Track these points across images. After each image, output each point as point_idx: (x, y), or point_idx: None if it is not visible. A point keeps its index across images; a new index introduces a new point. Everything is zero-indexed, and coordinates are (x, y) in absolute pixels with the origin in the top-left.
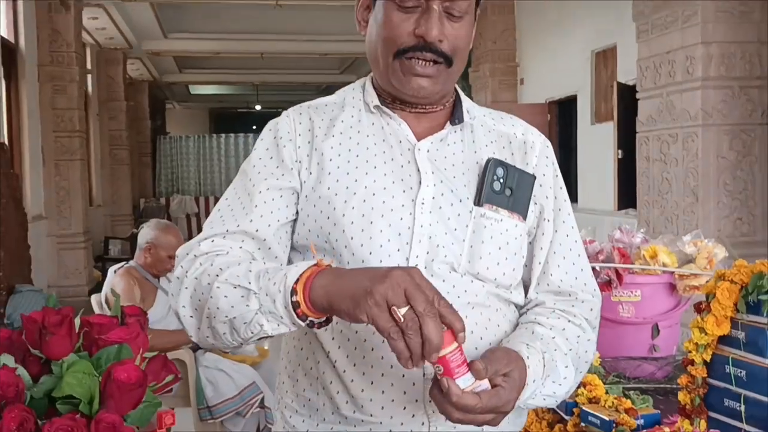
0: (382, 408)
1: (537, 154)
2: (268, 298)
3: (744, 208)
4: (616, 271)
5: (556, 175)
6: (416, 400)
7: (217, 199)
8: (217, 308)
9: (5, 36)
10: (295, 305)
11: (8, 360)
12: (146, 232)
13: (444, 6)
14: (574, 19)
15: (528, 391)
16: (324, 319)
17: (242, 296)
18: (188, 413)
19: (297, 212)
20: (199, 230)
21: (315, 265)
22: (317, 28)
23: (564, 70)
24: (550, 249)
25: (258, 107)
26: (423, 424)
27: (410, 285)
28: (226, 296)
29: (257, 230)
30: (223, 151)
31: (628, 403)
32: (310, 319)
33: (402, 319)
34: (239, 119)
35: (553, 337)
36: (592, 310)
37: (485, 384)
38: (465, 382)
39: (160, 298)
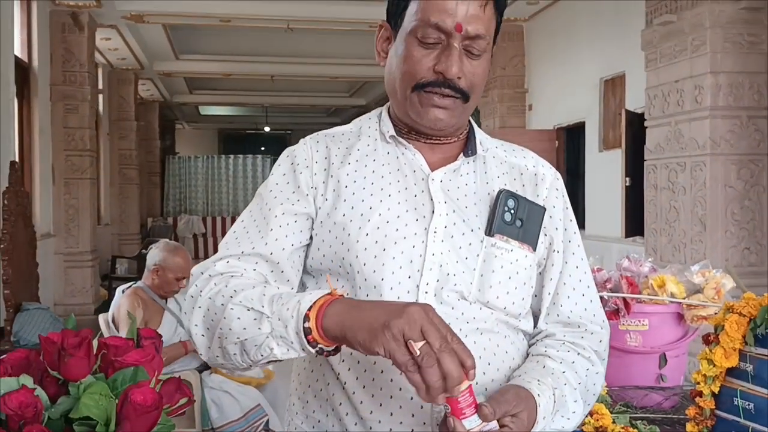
0: (390, 430)
1: (548, 186)
2: (280, 323)
3: (752, 238)
4: (624, 300)
5: (566, 208)
6: (424, 423)
7: (224, 220)
8: (230, 329)
9: (19, 55)
10: (307, 331)
11: (27, 381)
12: (155, 254)
13: (464, 44)
14: (583, 47)
15: (538, 427)
16: (333, 347)
17: (255, 319)
18: None
19: (311, 237)
20: (206, 251)
21: (329, 293)
22: (327, 51)
23: (573, 96)
24: (560, 280)
25: (267, 129)
26: None
27: (425, 321)
28: (239, 318)
29: (271, 253)
30: (231, 172)
31: None
32: (320, 346)
33: (419, 353)
34: (248, 140)
35: (563, 372)
36: (601, 341)
37: (493, 424)
38: (471, 423)
39: (166, 320)
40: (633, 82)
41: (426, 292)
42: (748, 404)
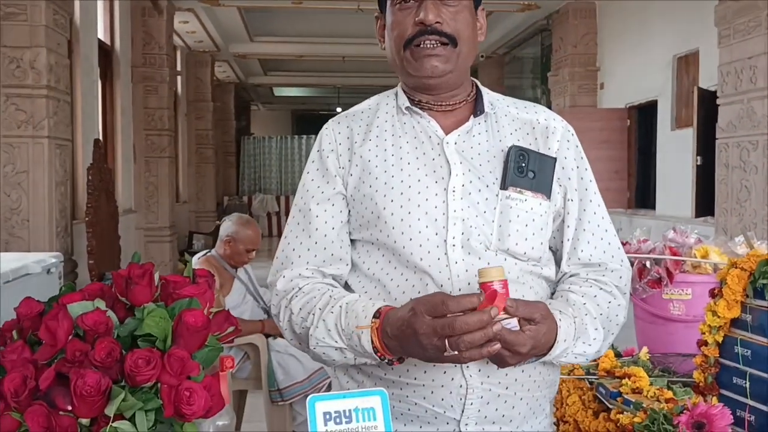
0: (425, 372)
1: (558, 138)
2: (358, 351)
3: None
4: (667, 269)
5: (581, 158)
6: (455, 366)
7: None
8: (325, 361)
9: (102, 38)
10: (382, 359)
11: (100, 304)
12: (227, 226)
13: None
14: (656, 23)
15: (559, 348)
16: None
17: (337, 350)
18: (260, 396)
19: (348, 212)
20: (279, 228)
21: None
22: None
23: (645, 75)
24: (579, 226)
25: (339, 109)
26: (461, 386)
27: (423, 327)
28: (325, 353)
29: (316, 243)
30: (304, 152)
31: (669, 394)
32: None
33: (447, 346)
34: (321, 121)
35: (584, 303)
36: (621, 278)
37: (514, 323)
38: (510, 324)
39: (236, 287)
40: (707, 59)
41: (453, 245)
42: (747, 351)
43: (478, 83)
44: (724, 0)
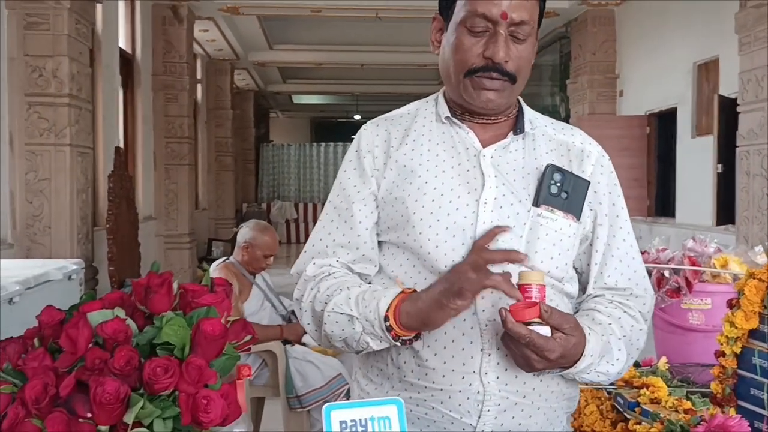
0: (444, 376)
1: (593, 162)
2: (368, 323)
3: None
4: (686, 278)
5: (615, 184)
6: (474, 372)
7: (315, 206)
8: (332, 331)
9: (123, 47)
10: (389, 329)
11: (120, 312)
12: (245, 232)
13: (510, 30)
14: (675, 30)
15: (584, 362)
16: (413, 336)
17: (348, 320)
18: (278, 403)
19: (378, 214)
20: (298, 235)
21: (401, 292)
22: (416, 39)
23: (665, 82)
24: (607, 252)
25: (357, 117)
26: (479, 392)
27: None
28: (336, 322)
29: (349, 242)
30: (323, 159)
31: (687, 404)
32: (401, 338)
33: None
34: (339, 128)
35: (610, 324)
36: (644, 304)
37: (546, 330)
38: (544, 331)
39: (254, 293)
40: (727, 66)
41: None
42: (765, 362)
43: (521, 100)
44: (744, 7)
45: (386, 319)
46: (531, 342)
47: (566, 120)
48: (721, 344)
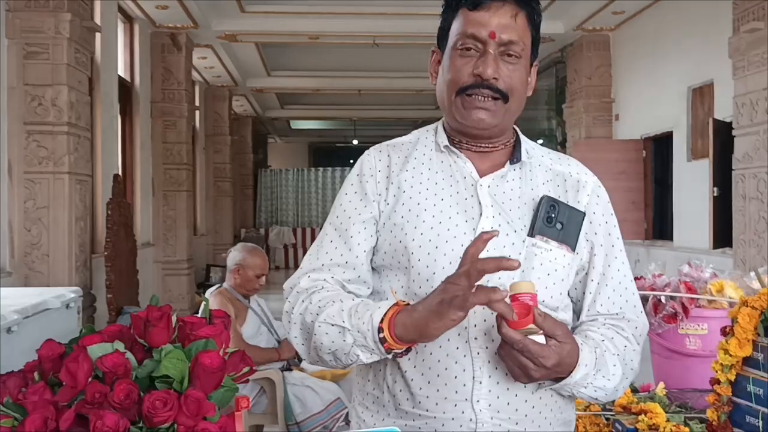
0: (437, 404)
1: (588, 193)
2: (360, 335)
3: None
4: (683, 304)
5: (611, 214)
6: (466, 399)
7: (313, 231)
8: (321, 343)
9: (122, 75)
10: (383, 341)
11: (119, 346)
12: (234, 255)
13: (500, 50)
14: (670, 55)
15: (580, 372)
16: (404, 349)
17: (339, 332)
18: (277, 430)
19: (377, 239)
20: (296, 260)
21: (395, 304)
22: (413, 65)
23: (660, 106)
24: (602, 281)
25: (355, 141)
26: (471, 420)
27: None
28: (327, 333)
29: (347, 262)
30: (321, 185)
31: (685, 430)
32: (393, 351)
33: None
34: (337, 153)
35: (603, 341)
36: (637, 328)
37: (540, 338)
38: (539, 339)
39: (250, 318)
40: (722, 90)
41: (474, 287)
42: (759, 390)
43: (518, 130)
44: (737, 32)
45: (380, 330)
46: (525, 348)
47: (563, 144)
48: (716, 372)
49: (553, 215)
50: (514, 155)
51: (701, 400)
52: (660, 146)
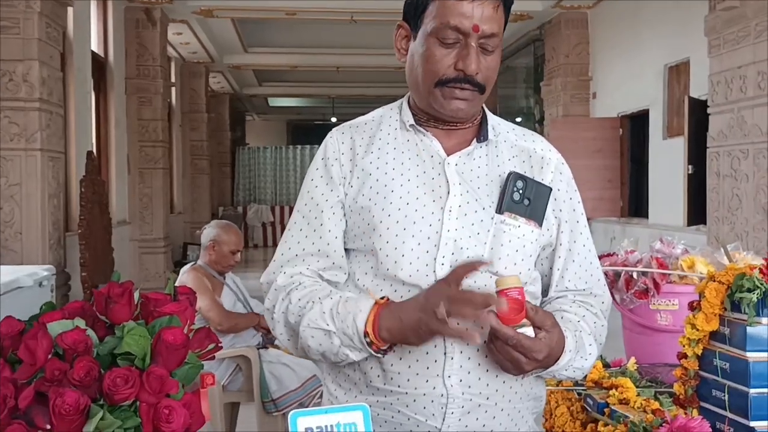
0: (408, 380)
1: (552, 169)
2: (346, 337)
3: None
4: (654, 280)
5: (574, 190)
6: (437, 375)
7: (291, 209)
8: (309, 346)
9: (96, 50)
10: (370, 344)
11: (80, 322)
12: (209, 232)
13: (480, 42)
14: (647, 33)
15: (565, 358)
16: (388, 346)
17: (325, 335)
18: (253, 407)
19: (346, 222)
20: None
21: (375, 303)
22: (391, 42)
23: (637, 84)
24: (568, 257)
25: (334, 119)
26: (442, 395)
27: (429, 305)
28: (312, 337)
29: (318, 250)
30: (299, 162)
31: (655, 405)
32: (382, 349)
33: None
34: (316, 131)
35: (578, 321)
36: (603, 303)
37: (529, 331)
38: (528, 332)
39: (225, 293)
40: (697, 68)
41: (442, 264)
42: (725, 364)
43: (485, 108)
44: (713, 10)
45: (366, 335)
46: (519, 344)
47: (541, 122)
48: (683, 346)
49: (520, 191)
50: (481, 133)
51: (671, 374)
52: (636, 124)
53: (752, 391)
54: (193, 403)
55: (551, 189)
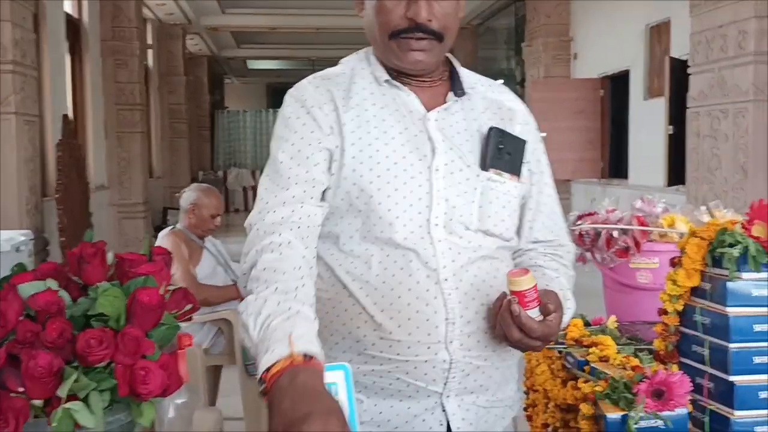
0: (409, 348)
1: (520, 121)
2: (254, 349)
3: None
4: (635, 238)
5: (539, 141)
6: (439, 342)
7: None
8: (244, 323)
9: (70, 12)
10: (261, 382)
11: (52, 284)
12: (189, 195)
13: None
14: None
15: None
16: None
17: (246, 332)
18: (236, 370)
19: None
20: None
21: (289, 356)
22: None
23: (618, 44)
24: (536, 209)
25: None
26: (444, 361)
27: None
28: (243, 324)
29: (305, 182)
30: None
31: (635, 362)
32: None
33: None
34: None
35: (558, 277)
36: (569, 252)
37: (537, 312)
38: (533, 313)
39: (205, 258)
40: (678, 28)
41: (436, 225)
42: (706, 320)
43: (452, 58)
44: None
45: (262, 381)
46: (541, 336)
47: (522, 83)
48: (664, 302)
49: (501, 146)
50: (456, 87)
51: (651, 332)
52: (617, 85)
53: (732, 345)
54: (170, 364)
55: (526, 141)
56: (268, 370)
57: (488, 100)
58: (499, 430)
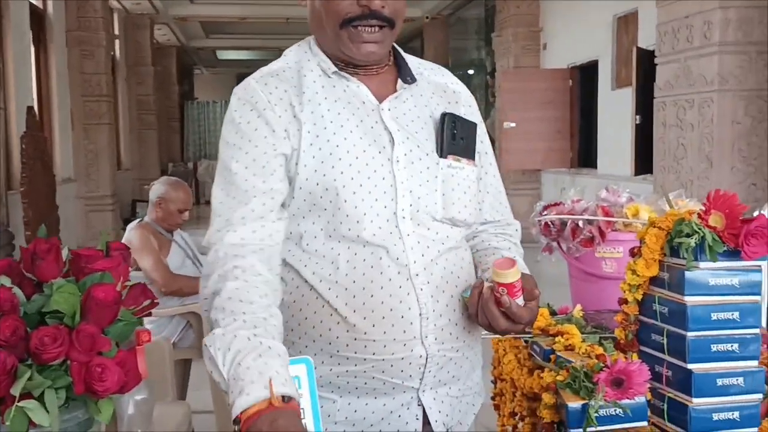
0: (385, 346)
1: (464, 103)
2: (225, 386)
3: (758, 174)
4: (599, 228)
5: (481, 121)
6: (415, 337)
7: None
8: (209, 358)
9: (34, 2)
10: (236, 422)
11: (5, 281)
12: (157, 188)
13: None
14: None
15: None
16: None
17: (215, 366)
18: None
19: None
20: None
21: (268, 400)
22: None
23: (586, 35)
24: (484, 190)
25: None
26: (421, 356)
27: None
28: (209, 358)
29: (272, 189)
30: None
31: (600, 350)
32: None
33: None
34: None
35: (515, 257)
36: (517, 230)
37: (520, 300)
38: (520, 302)
39: (174, 250)
40: (645, 19)
41: (403, 218)
42: (664, 308)
43: (396, 46)
44: None
45: (237, 421)
46: (529, 321)
47: (492, 73)
48: (624, 292)
49: (455, 131)
50: (404, 74)
51: (615, 320)
52: (586, 75)
53: (690, 334)
54: (128, 360)
55: (476, 124)
56: (244, 410)
57: (434, 84)
58: (471, 418)
